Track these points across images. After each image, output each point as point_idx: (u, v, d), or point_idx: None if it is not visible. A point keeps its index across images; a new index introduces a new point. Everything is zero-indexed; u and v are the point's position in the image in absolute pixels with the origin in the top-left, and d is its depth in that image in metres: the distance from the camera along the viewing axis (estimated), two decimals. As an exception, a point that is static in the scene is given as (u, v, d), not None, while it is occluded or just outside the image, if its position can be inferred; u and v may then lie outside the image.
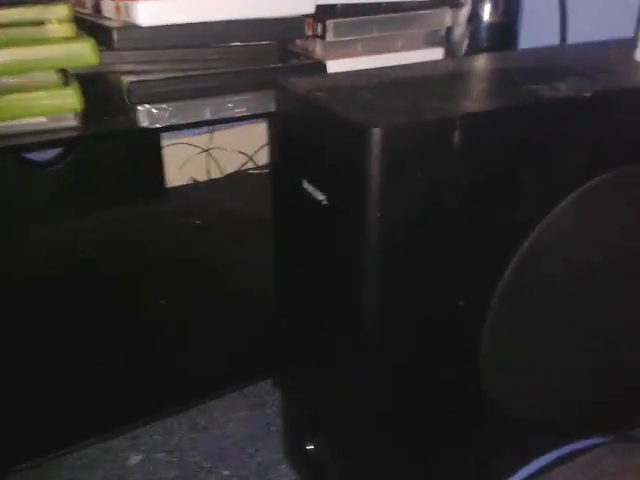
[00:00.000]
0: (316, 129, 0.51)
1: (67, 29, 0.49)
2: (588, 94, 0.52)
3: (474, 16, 0.86)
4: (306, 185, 0.53)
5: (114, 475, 0.69)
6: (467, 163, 0.48)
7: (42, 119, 0.52)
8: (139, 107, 0.55)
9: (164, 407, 0.73)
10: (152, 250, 1.01)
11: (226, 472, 0.69)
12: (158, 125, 0.55)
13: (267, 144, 1.32)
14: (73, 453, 0.71)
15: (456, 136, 0.47)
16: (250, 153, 1.31)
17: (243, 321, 0.85)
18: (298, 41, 0.72)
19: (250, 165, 1.31)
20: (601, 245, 0.58)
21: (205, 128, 1.27)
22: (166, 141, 1.23)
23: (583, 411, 0.66)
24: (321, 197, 0.51)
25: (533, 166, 0.51)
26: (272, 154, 1.24)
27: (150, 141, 1.17)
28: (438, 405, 0.57)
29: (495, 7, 0.85)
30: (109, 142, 0.98)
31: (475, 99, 0.52)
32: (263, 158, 1.32)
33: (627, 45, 0.67)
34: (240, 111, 0.58)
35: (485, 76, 0.60)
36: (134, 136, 0.91)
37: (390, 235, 0.47)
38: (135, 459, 0.71)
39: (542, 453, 0.66)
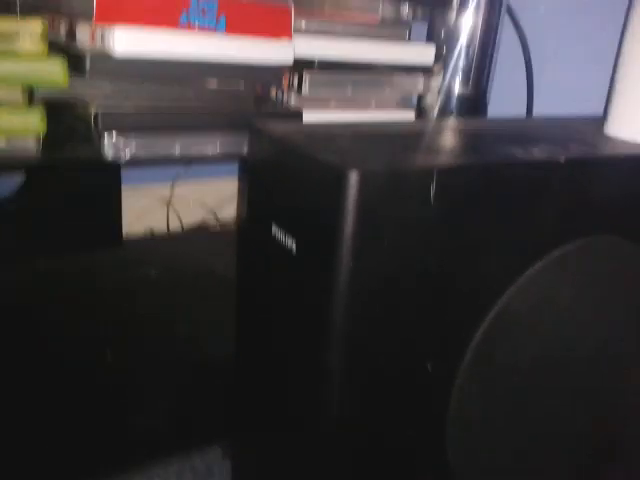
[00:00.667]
0: (290, 172, 0.49)
1: (38, 45, 0.47)
2: (562, 159, 0.52)
3: (446, 86, 0.88)
4: (275, 231, 0.51)
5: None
6: (442, 218, 0.47)
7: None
8: (105, 137, 0.52)
9: (97, 473, 0.67)
10: (102, 300, 0.96)
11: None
12: (124, 157, 0.53)
13: (232, 199, 1.30)
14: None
15: (432, 188, 0.46)
16: (213, 207, 1.29)
17: (193, 382, 0.81)
18: (273, 91, 0.72)
19: (212, 219, 1.28)
20: (571, 314, 0.57)
21: (167, 177, 1.25)
22: (126, 188, 1.20)
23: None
24: (290, 243, 0.49)
25: (507, 227, 0.51)
26: (241, 199, 1.22)
27: (110, 185, 1.14)
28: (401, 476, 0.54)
29: (466, 79, 0.87)
30: (67, 181, 0.95)
31: (451, 154, 0.52)
32: (226, 213, 1.30)
33: (596, 120, 0.68)
34: (211, 150, 0.56)
35: (460, 136, 0.60)
36: (94, 174, 0.87)
37: (361, 286, 0.45)
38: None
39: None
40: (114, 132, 0.52)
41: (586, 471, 0.67)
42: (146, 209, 1.25)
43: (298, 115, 0.65)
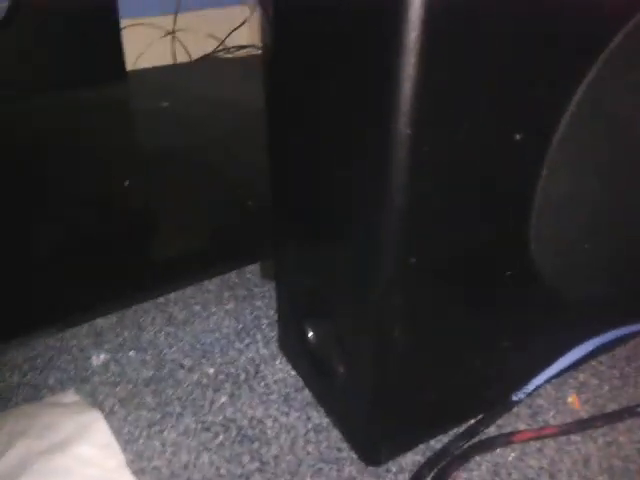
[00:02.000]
0: None
1: None
2: None
3: None
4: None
5: (72, 378, 0.56)
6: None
7: None
8: None
9: (132, 293, 0.61)
10: (115, 133, 0.86)
11: (210, 370, 0.58)
12: None
13: (242, 27, 1.17)
14: (20, 348, 0.58)
15: None
16: (222, 37, 1.15)
17: (221, 201, 0.73)
18: None
19: (222, 49, 1.15)
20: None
21: (169, 7, 1.11)
22: (125, 22, 1.06)
23: (625, 289, 0.56)
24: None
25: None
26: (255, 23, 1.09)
27: (107, 18, 1.01)
28: (476, 264, 0.46)
29: None
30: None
31: None
32: (237, 42, 1.16)
33: None
34: None
35: None
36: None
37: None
38: (99, 359, 0.59)
39: (583, 339, 0.56)
40: None
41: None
42: (149, 43, 1.12)
43: None
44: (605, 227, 0.51)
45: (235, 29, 1.16)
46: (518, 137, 0.41)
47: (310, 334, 0.54)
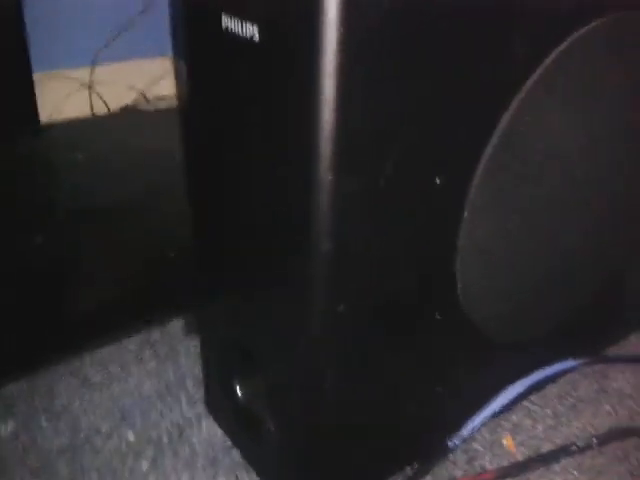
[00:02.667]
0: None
1: None
2: None
3: None
4: (227, 23, 0.38)
5: (-22, 451, 0.52)
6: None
7: None
8: None
9: (44, 356, 0.57)
10: (28, 187, 0.82)
11: (131, 435, 0.54)
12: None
13: (163, 78, 1.15)
14: None
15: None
16: (142, 88, 1.14)
17: (141, 255, 0.70)
18: None
19: (142, 100, 1.13)
20: (595, 105, 0.47)
21: (85, 60, 1.09)
22: (40, 75, 1.04)
23: (555, 329, 0.57)
24: (251, 31, 0.37)
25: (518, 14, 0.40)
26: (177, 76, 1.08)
27: (20, 71, 0.98)
28: (406, 309, 0.45)
29: None
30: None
31: None
32: (158, 93, 1.15)
33: None
34: None
35: None
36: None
37: (353, 64, 0.34)
38: (7, 427, 0.54)
39: (514, 380, 0.56)
40: None
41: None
42: (66, 96, 1.09)
43: None
44: (530, 269, 0.51)
45: (156, 80, 1.15)
46: (439, 181, 0.41)
47: (238, 391, 0.51)
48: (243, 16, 0.37)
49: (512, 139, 0.43)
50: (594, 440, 0.54)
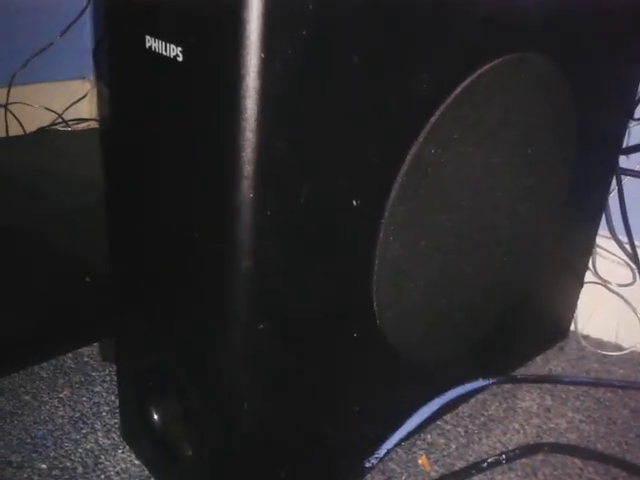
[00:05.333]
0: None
1: None
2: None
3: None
4: (151, 42, 0.39)
5: None
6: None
7: None
8: None
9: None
10: None
11: (43, 465, 0.52)
12: None
13: (82, 101, 1.13)
14: None
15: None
16: (59, 110, 1.11)
17: (55, 279, 0.67)
18: None
19: (59, 122, 1.11)
20: (496, 138, 0.50)
21: (2, 80, 1.06)
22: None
23: (464, 350, 0.59)
24: (175, 51, 0.37)
25: (428, 43, 0.42)
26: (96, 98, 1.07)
27: None
28: (324, 326, 0.46)
29: None
30: None
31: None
32: (76, 115, 1.13)
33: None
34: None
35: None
36: None
37: (274, 87, 0.35)
38: None
39: (428, 399, 0.58)
40: None
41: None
42: (-23, 116, 1.05)
43: None
44: (438, 291, 0.53)
45: (75, 102, 1.13)
46: (355, 203, 0.43)
47: (155, 416, 0.51)
48: (167, 38, 0.38)
49: (420, 167, 0.45)
50: (503, 457, 0.56)
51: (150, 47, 0.39)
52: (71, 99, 1.13)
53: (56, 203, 0.81)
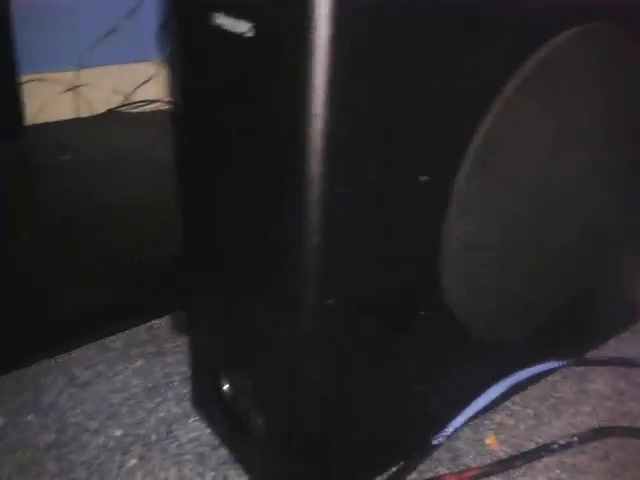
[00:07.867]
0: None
1: None
2: None
3: None
4: (220, 19, 0.39)
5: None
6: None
7: None
8: None
9: (30, 352, 0.56)
10: (13, 188, 0.82)
11: (118, 432, 0.54)
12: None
13: (148, 83, 1.16)
14: None
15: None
16: (126, 92, 1.14)
17: (126, 253, 0.70)
18: None
19: (126, 104, 1.13)
20: (573, 111, 0.49)
21: (71, 63, 1.09)
22: (26, 77, 1.03)
23: (537, 330, 0.58)
24: (244, 27, 0.37)
25: (500, 13, 0.41)
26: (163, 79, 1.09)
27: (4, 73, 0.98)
28: (392, 304, 0.46)
29: None
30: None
31: None
32: (142, 97, 1.15)
33: None
34: None
35: None
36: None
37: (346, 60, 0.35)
38: (-6, 425, 0.54)
39: (497, 380, 0.57)
40: None
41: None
42: (51, 98, 1.08)
43: None
44: (512, 268, 0.52)
45: (141, 84, 1.15)
46: (424, 179, 0.42)
47: (226, 388, 0.52)
48: (236, 14, 0.38)
49: (492, 141, 0.44)
50: (575, 439, 0.55)
51: (218, 24, 0.39)
52: (138, 81, 1.16)
53: (127, 181, 0.83)
